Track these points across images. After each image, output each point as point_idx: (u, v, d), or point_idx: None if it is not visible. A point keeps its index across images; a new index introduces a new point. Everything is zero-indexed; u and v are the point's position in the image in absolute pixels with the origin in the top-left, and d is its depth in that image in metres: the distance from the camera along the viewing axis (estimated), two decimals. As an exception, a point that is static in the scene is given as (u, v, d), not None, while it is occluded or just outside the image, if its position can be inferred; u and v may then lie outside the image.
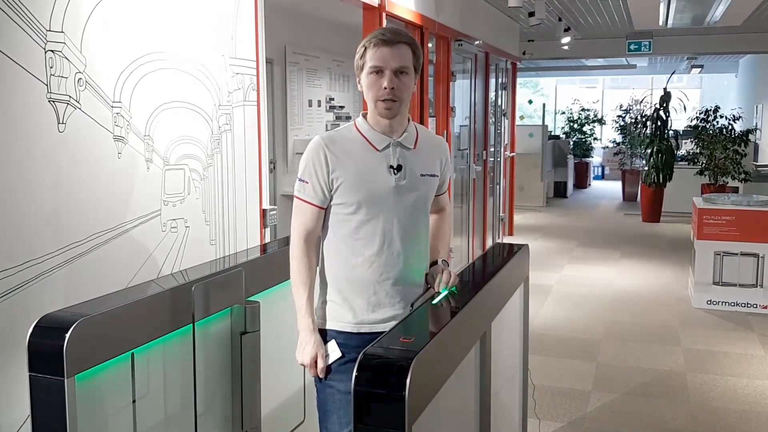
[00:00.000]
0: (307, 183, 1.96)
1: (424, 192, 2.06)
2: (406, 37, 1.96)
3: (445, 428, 1.85)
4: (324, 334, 2.04)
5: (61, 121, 2.07)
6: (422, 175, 2.04)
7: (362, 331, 1.99)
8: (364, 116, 2.04)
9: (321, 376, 1.99)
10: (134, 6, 2.33)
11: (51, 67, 2.03)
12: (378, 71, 1.92)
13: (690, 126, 10.96)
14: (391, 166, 1.98)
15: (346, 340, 1.99)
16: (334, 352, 1.99)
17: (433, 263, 2.14)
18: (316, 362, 1.97)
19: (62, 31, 2.06)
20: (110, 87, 2.24)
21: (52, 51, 2.03)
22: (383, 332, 1.92)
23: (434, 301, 1.97)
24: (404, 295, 2.04)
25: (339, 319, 2.01)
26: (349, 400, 1.86)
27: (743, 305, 5.54)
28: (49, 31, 2.02)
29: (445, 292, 2.02)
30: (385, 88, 1.92)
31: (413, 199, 2.02)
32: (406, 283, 2.04)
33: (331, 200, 1.98)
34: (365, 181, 1.96)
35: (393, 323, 1.97)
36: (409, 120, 2.07)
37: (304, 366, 2.01)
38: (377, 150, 1.99)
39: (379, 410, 1.50)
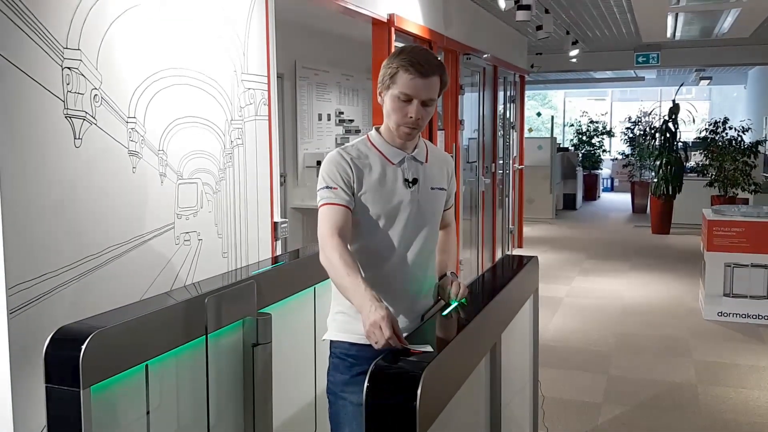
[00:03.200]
0: (335, 188, 1.94)
1: (435, 205, 2.09)
2: (438, 68, 1.95)
3: (455, 439, 1.86)
4: (335, 345, 2.06)
5: (77, 137, 2.11)
6: (433, 189, 2.07)
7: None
8: (377, 130, 2.07)
9: (388, 336, 1.68)
10: (148, 23, 2.38)
11: (68, 84, 2.07)
12: (407, 99, 1.93)
13: (699, 138, 10.94)
14: (407, 180, 2.01)
15: (359, 351, 2.00)
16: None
17: (442, 276, 2.17)
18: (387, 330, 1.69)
19: (79, 49, 2.11)
20: (125, 103, 2.28)
21: (69, 68, 2.07)
22: None
23: (444, 313, 1.99)
24: (416, 306, 2.06)
25: (352, 331, 2.02)
26: (361, 412, 1.87)
27: (754, 317, 5.51)
28: (66, 48, 2.07)
29: (456, 304, 2.03)
30: (411, 117, 1.95)
31: (426, 211, 2.05)
32: (418, 294, 2.06)
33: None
34: (383, 195, 1.98)
35: (404, 334, 1.99)
36: (419, 135, 2.10)
37: (386, 345, 1.68)
38: (392, 164, 2.02)
39: (390, 421, 1.52)
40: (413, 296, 2.05)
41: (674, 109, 10.23)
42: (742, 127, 10.35)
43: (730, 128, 10.34)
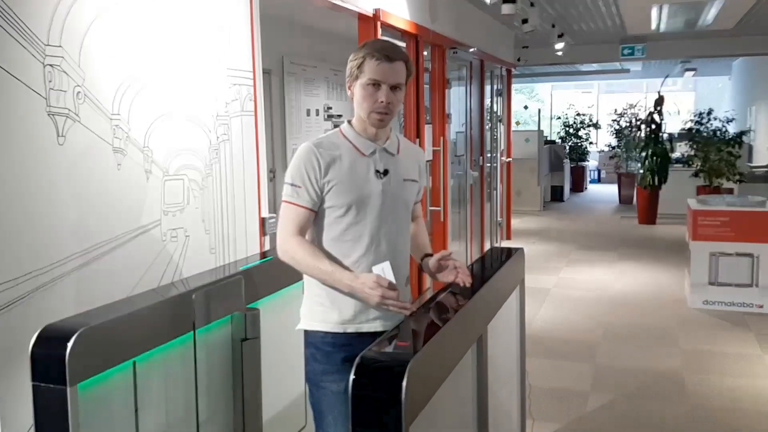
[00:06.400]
0: (300, 187, 2.00)
1: (406, 196, 2.14)
2: (403, 55, 2.05)
3: (442, 430, 1.88)
4: (310, 335, 2.08)
5: (60, 134, 2.10)
6: (405, 180, 2.13)
7: (349, 330, 2.04)
8: (350, 123, 2.11)
9: (391, 293, 1.89)
10: (131, 19, 2.37)
11: (50, 81, 2.06)
12: (375, 84, 2.00)
13: (684, 129, 11.02)
14: (378, 171, 2.06)
15: (335, 339, 2.04)
16: (386, 272, 1.97)
17: (427, 255, 2.21)
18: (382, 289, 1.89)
19: (60, 46, 2.10)
20: (109, 100, 2.28)
21: (50, 65, 2.07)
22: (370, 332, 2.00)
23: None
24: None
25: (326, 321, 2.05)
26: (342, 399, 1.91)
27: (739, 305, 5.57)
28: (48, 45, 2.06)
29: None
30: (382, 102, 2.00)
31: (398, 202, 2.10)
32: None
33: (321, 203, 2.03)
34: (355, 184, 2.02)
35: (379, 322, 2.03)
36: (390, 129, 2.15)
37: (384, 304, 1.90)
38: (364, 155, 2.06)
39: (376, 413, 1.53)
40: None
41: (659, 101, 10.29)
42: (727, 118, 10.44)
43: (715, 119, 10.43)
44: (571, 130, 14.87)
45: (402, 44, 5.27)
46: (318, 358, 2.05)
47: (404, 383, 1.50)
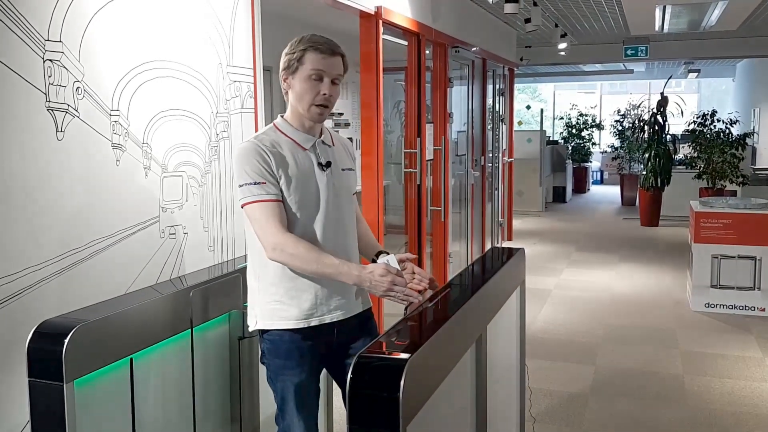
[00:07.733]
0: (264, 183, 1.98)
1: (348, 185, 2.17)
2: (342, 49, 2.07)
3: (440, 430, 1.87)
4: (268, 333, 2.08)
5: (59, 130, 2.09)
6: (344, 170, 2.16)
7: (312, 324, 2.06)
8: (283, 118, 2.11)
9: (401, 280, 1.93)
10: (132, 15, 2.36)
11: (50, 76, 2.05)
12: (318, 77, 2.00)
13: (687, 130, 10.99)
14: (321, 163, 2.08)
15: (293, 336, 2.05)
16: (391, 262, 1.99)
17: (380, 253, 2.22)
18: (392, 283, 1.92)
19: (61, 41, 2.09)
20: (108, 95, 2.27)
21: (50, 60, 2.06)
22: (332, 322, 2.06)
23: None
24: (348, 288, 2.10)
25: (287, 318, 2.05)
26: (303, 388, 2.03)
27: (741, 308, 5.55)
28: (48, 40, 2.05)
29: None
30: (324, 94, 2.02)
31: (341, 192, 2.13)
32: None
33: None
34: (302, 179, 2.04)
35: (339, 312, 2.07)
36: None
37: (392, 296, 1.93)
38: (304, 149, 2.07)
39: (374, 412, 1.52)
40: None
41: (663, 102, 10.26)
42: (730, 120, 10.40)
43: (719, 120, 10.38)
44: (573, 131, 14.85)
45: (404, 43, 5.26)
46: (278, 353, 2.06)
47: (402, 382, 1.48)
